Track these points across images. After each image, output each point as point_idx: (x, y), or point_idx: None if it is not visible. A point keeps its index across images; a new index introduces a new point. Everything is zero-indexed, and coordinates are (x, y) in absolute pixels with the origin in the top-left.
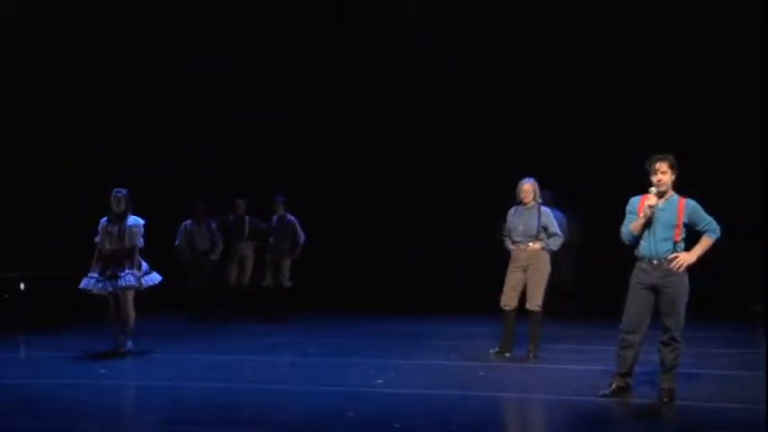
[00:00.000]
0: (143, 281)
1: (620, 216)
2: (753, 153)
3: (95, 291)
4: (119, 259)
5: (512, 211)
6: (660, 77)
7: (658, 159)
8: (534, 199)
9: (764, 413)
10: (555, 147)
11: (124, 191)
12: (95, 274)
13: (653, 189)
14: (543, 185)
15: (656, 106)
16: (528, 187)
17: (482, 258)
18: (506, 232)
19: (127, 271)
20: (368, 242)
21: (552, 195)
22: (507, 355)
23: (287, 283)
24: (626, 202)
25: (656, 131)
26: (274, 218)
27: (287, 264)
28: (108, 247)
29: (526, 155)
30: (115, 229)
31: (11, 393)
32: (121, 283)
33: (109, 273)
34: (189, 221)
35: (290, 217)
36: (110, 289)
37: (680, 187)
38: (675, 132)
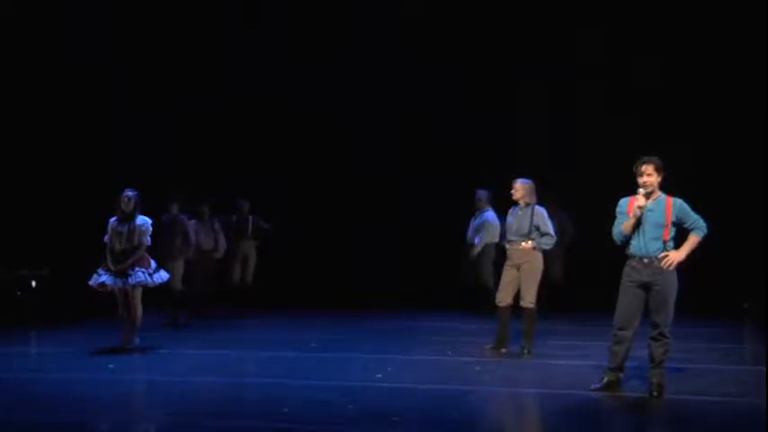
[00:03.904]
0: (153, 278)
1: (611, 215)
2: (746, 153)
3: (108, 284)
4: (128, 258)
5: (509, 211)
6: (656, 77)
7: (644, 162)
8: (523, 198)
9: (751, 406)
10: (552, 146)
11: (133, 192)
12: (104, 272)
13: (641, 190)
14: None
15: (651, 106)
16: (518, 186)
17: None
18: (505, 231)
19: (137, 269)
20: (368, 239)
21: (488, 194)
22: (503, 350)
23: (178, 286)
24: (616, 202)
25: (651, 131)
26: (164, 217)
27: (178, 265)
28: (117, 246)
29: (525, 154)
30: (124, 229)
31: (22, 387)
32: (132, 280)
33: (119, 269)
34: (192, 221)
35: (181, 217)
36: (120, 285)
37: (672, 187)
38: (670, 132)
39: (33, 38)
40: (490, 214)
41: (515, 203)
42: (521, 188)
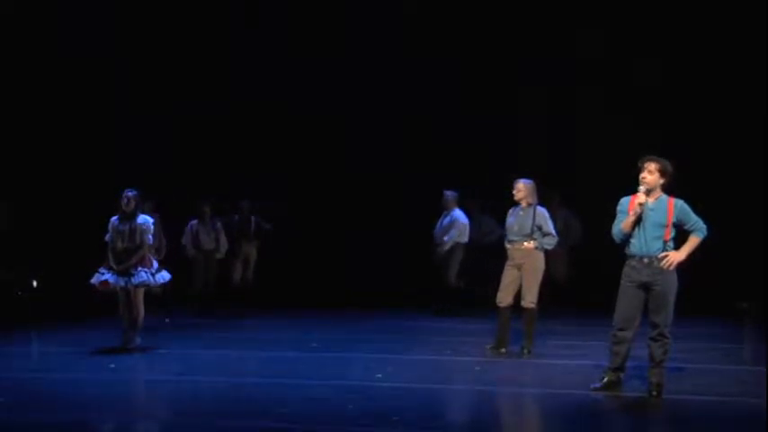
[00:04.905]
0: (156, 278)
1: (612, 215)
2: (746, 153)
3: (111, 282)
4: (129, 257)
5: (510, 211)
6: (656, 77)
7: (647, 159)
8: (525, 198)
9: (751, 406)
10: (552, 146)
11: (134, 191)
12: (106, 271)
13: (641, 188)
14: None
15: (651, 105)
16: (520, 186)
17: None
18: (505, 231)
19: (140, 268)
20: (368, 239)
21: (455, 195)
22: (503, 350)
23: (156, 290)
24: (616, 201)
25: (651, 131)
26: None
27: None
28: (119, 245)
29: (525, 154)
30: (126, 228)
31: (24, 387)
32: (135, 280)
33: (121, 269)
34: (194, 221)
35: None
36: (123, 284)
37: (672, 187)
38: (670, 132)
39: (33, 38)
40: (458, 213)
41: (515, 203)
42: (523, 188)
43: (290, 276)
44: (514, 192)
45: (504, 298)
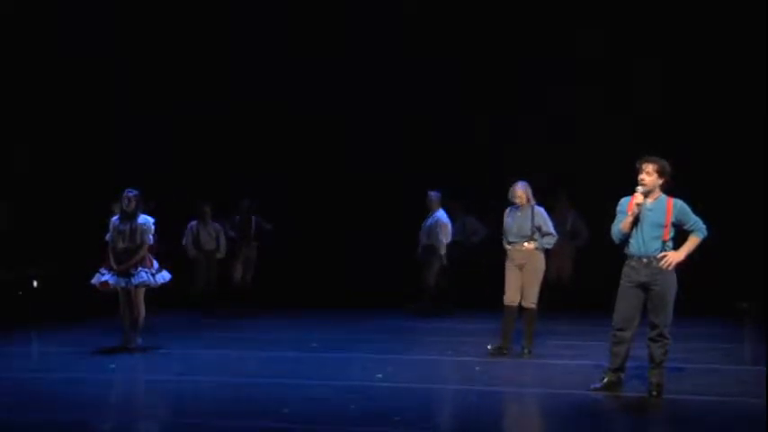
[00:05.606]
0: (156, 278)
1: (611, 215)
2: (746, 153)
3: (112, 283)
4: (130, 257)
5: (507, 212)
6: (656, 77)
7: (645, 160)
8: (526, 201)
9: (751, 406)
10: (551, 146)
11: (135, 191)
12: (107, 271)
13: (639, 188)
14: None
15: (651, 106)
16: (520, 192)
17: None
18: (503, 233)
19: (140, 269)
20: (368, 239)
21: (438, 196)
22: (505, 351)
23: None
24: (616, 202)
25: (651, 131)
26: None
27: None
28: (120, 245)
29: (525, 154)
30: (126, 228)
31: (24, 387)
32: (135, 280)
33: (122, 269)
34: (195, 222)
35: None
36: (123, 285)
37: (671, 187)
38: (670, 132)
39: (33, 38)
40: (441, 213)
41: (512, 204)
42: (522, 194)
43: (290, 276)
44: (516, 199)
45: (514, 297)
